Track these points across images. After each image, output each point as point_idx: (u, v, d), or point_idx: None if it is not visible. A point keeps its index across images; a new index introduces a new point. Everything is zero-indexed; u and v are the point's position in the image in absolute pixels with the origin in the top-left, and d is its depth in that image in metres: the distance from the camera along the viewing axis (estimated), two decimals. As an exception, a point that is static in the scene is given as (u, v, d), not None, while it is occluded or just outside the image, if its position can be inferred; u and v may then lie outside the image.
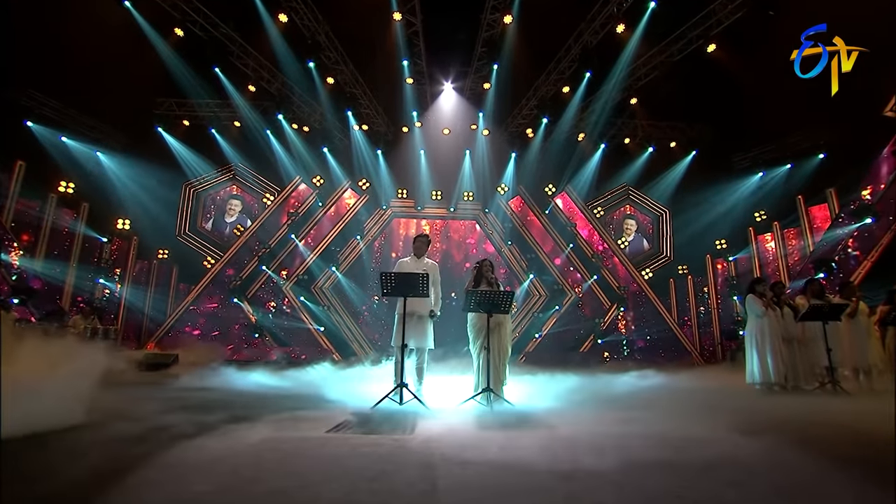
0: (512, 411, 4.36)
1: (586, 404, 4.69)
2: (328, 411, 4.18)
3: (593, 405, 4.60)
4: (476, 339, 4.92)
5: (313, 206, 14.21)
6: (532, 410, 4.40)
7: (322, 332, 13.35)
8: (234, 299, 13.20)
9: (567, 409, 4.50)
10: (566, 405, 4.69)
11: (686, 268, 14.33)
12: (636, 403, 4.59)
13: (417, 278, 4.43)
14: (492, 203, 14.67)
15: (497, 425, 3.65)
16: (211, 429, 3.19)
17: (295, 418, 3.76)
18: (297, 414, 3.95)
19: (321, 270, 13.80)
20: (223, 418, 3.46)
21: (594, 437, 3.18)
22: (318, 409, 4.27)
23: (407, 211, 14.70)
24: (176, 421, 3.32)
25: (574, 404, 4.74)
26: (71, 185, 11.03)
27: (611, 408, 4.38)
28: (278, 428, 3.33)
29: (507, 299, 4.51)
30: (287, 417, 3.76)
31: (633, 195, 15.32)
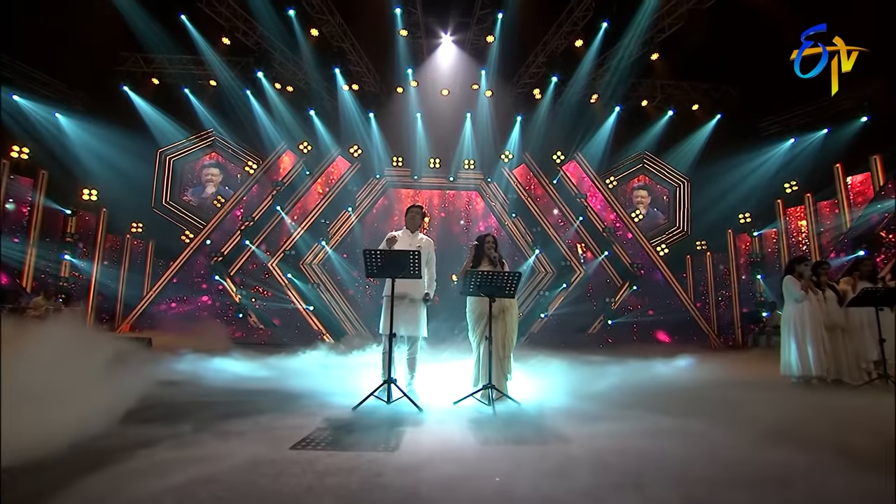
0: (518, 414, 3.89)
1: (607, 403, 4.19)
2: (302, 414, 3.70)
3: (616, 405, 4.10)
4: (476, 326, 4.47)
5: (300, 176, 13.70)
6: (542, 412, 3.94)
7: (311, 311, 12.94)
8: (216, 277, 12.67)
9: (584, 409, 4.01)
10: (583, 404, 4.22)
11: (705, 243, 13.85)
12: (670, 403, 4.09)
13: (408, 256, 3.95)
14: (495, 172, 14.20)
15: (500, 438, 3.15)
16: (149, 444, 2.67)
17: (258, 427, 3.25)
18: (263, 420, 3.44)
19: (309, 245, 13.35)
20: (166, 434, 2.94)
21: (624, 456, 2.66)
22: (291, 412, 3.79)
23: (402, 181, 14.23)
24: (112, 431, 2.87)
25: (593, 402, 4.24)
26: (25, 151, 10.29)
27: (638, 410, 3.87)
28: (231, 444, 2.82)
29: (513, 282, 4.02)
30: (249, 427, 3.26)
31: (648, 164, 14.66)
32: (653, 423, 3.46)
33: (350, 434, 3.15)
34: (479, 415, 3.81)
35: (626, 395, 4.56)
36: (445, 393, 4.56)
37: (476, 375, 4.44)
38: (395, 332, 4.18)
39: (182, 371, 5.76)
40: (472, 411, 3.91)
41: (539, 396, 4.55)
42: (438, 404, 4.17)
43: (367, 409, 3.90)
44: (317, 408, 3.97)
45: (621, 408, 4.00)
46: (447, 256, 10.53)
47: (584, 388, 4.95)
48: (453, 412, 3.89)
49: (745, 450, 2.84)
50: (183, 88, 12.62)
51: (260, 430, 3.19)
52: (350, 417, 3.66)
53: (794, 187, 12.22)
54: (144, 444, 2.69)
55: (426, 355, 5.21)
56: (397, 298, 4.26)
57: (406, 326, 4.37)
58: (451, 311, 8.02)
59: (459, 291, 4.24)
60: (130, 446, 2.64)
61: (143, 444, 2.67)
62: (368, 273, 4.04)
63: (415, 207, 4.62)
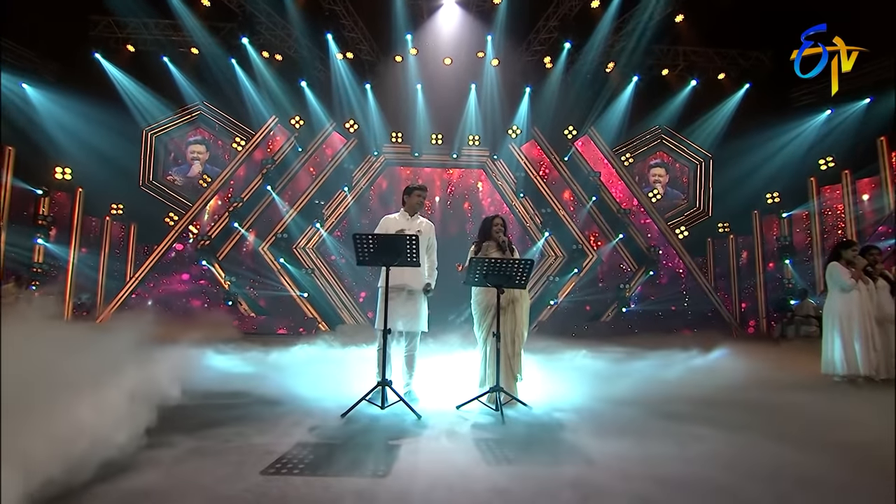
0: (530, 423, 3.53)
1: (634, 408, 3.82)
2: (282, 424, 3.35)
3: (646, 411, 3.73)
4: (482, 320, 4.16)
5: (292, 153, 13.30)
6: (557, 420, 3.57)
7: (306, 298, 12.66)
8: (203, 261, 12.36)
9: (607, 417, 3.64)
10: (604, 409, 3.86)
11: (727, 226, 13.46)
12: (711, 410, 3.70)
13: (404, 242, 3.58)
14: (501, 148, 13.75)
15: (511, 456, 2.77)
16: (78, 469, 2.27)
17: (227, 443, 2.88)
18: (234, 433, 3.08)
19: (302, 228, 13.02)
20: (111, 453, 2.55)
21: (667, 489, 2.26)
22: (270, 421, 3.43)
23: (402, 158, 13.81)
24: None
25: (616, 407, 3.88)
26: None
27: (674, 420, 3.48)
28: (188, 467, 2.45)
29: (525, 270, 3.69)
30: (216, 443, 2.89)
31: (666, 140, 14.13)
32: (697, 437, 3.05)
33: (334, 452, 2.80)
34: (486, 424, 3.47)
35: (655, 397, 4.19)
36: (448, 393, 4.23)
37: (483, 376, 4.15)
38: (390, 328, 3.86)
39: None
40: (477, 419, 3.58)
41: (552, 398, 4.22)
42: (439, 408, 3.86)
43: (358, 416, 3.57)
44: (300, 415, 3.62)
45: (653, 415, 3.61)
46: (449, 242, 10.15)
47: (603, 389, 4.60)
48: (457, 420, 3.56)
49: (840, 477, 2.43)
50: (161, 57, 12.08)
51: (229, 446, 2.83)
52: (337, 427, 3.32)
53: (830, 164, 11.66)
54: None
55: (426, 348, 4.84)
56: (394, 289, 3.96)
57: (404, 321, 4.06)
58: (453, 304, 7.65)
59: (463, 281, 3.89)
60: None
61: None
62: (359, 260, 3.69)
63: (417, 189, 4.25)
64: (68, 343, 2.83)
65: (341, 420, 3.48)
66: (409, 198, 4.24)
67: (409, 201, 4.23)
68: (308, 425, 3.34)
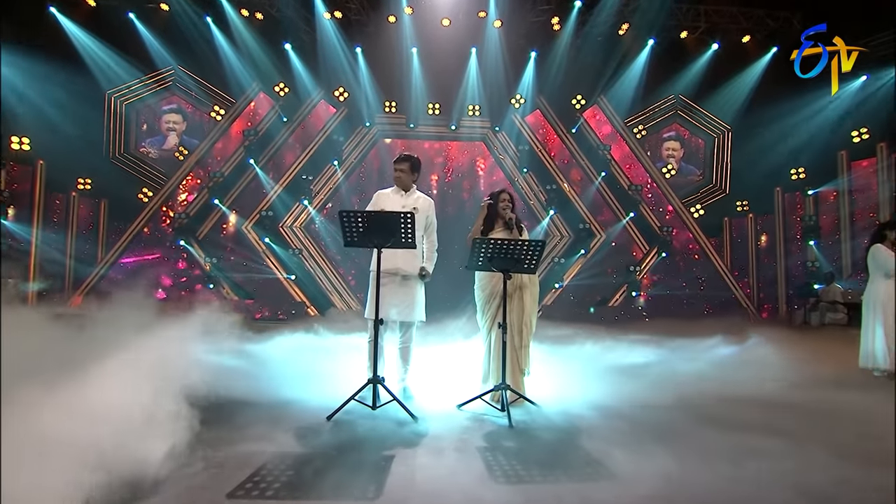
0: (540, 426, 3.25)
1: (660, 409, 3.54)
2: (259, 428, 3.06)
3: (672, 410, 3.44)
4: (486, 308, 3.93)
5: (276, 123, 12.82)
6: (571, 422, 3.30)
7: (293, 281, 12.38)
8: (181, 241, 11.99)
9: (636, 418, 3.35)
10: (630, 409, 3.59)
11: (746, 204, 13.11)
12: (753, 413, 3.42)
13: (398, 220, 3.32)
14: (504, 119, 13.30)
15: (520, 469, 2.49)
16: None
17: (189, 456, 2.55)
18: (198, 442, 2.73)
19: (289, 206, 12.66)
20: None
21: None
22: (246, 426, 3.13)
23: (396, 129, 13.39)
24: None
25: (644, 408, 3.60)
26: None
27: (707, 423, 3.19)
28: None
29: (535, 252, 3.43)
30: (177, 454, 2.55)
31: (682, 111, 13.73)
32: (753, 451, 2.71)
33: (317, 466, 2.50)
34: (490, 427, 3.21)
35: (690, 396, 3.88)
36: (447, 390, 4.02)
37: (486, 370, 3.94)
38: (382, 318, 3.62)
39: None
40: (481, 421, 3.34)
41: (563, 396, 3.96)
42: (438, 408, 3.61)
43: (347, 418, 3.30)
44: (280, 417, 3.34)
45: (692, 420, 3.30)
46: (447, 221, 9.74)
47: (625, 385, 4.36)
48: (458, 422, 3.30)
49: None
50: (127, 13, 11.38)
51: (192, 459, 2.50)
52: (322, 432, 3.05)
53: (865, 136, 11.22)
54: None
55: (423, 337, 4.54)
56: (386, 274, 3.68)
57: (397, 309, 3.81)
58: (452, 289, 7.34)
59: (465, 265, 3.61)
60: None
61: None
62: (347, 241, 3.42)
63: (404, 158, 3.98)
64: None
65: (327, 423, 3.21)
66: (395, 169, 4.00)
67: (396, 173, 3.99)
68: (289, 430, 3.06)
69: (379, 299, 3.57)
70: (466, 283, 4.13)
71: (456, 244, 6.52)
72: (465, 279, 4.25)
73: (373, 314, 3.59)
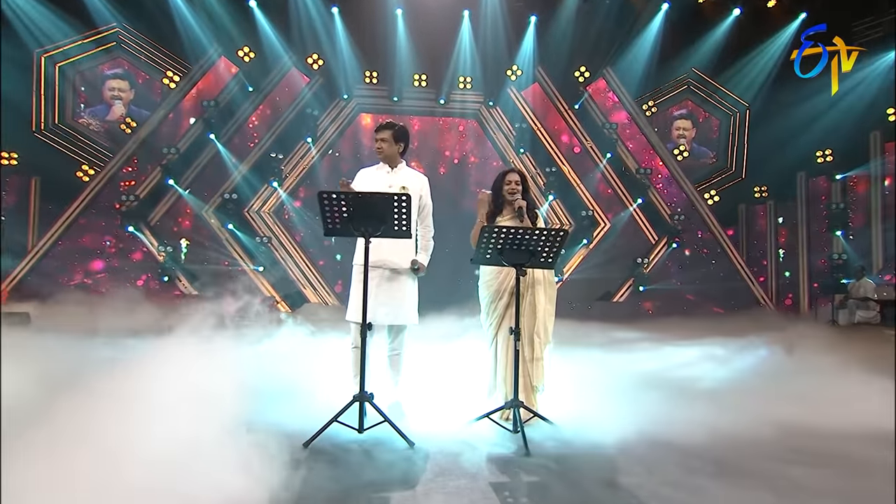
0: (563, 452, 2.82)
1: (722, 437, 2.95)
2: (216, 462, 2.35)
3: (748, 446, 2.85)
4: (491, 309, 3.56)
5: (241, 94, 12.20)
6: (608, 452, 2.81)
7: (261, 273, 11.86)
8: (130, 227, 11.29)
9: (689, 449, 2.78)
10: (676, 434, 3.02)
11: (766, 190, 12.93)
12: (850, 448, 2.84)
13: (390, 203, 2.96)
14: (499, 93, 12.88)
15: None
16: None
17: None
18: (139, 479, 2.05)
19: (256, 188, 12.09)
20: None
21: None
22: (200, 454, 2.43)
23: (378, 103, 12.89)
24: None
25: (694, 435, 2.98)
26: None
27: (813, 468, 2.58)
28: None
29: (555, 243, 3.09)
30: None
31: (695, 85, 13.42)
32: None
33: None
34: (504, 455, 2.76)
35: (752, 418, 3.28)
36: (445, 404, 3.59)
37: (492, 383, 3.57)
38: (369, 322, 3.13)
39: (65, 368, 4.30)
40: (491, 447, 2.88)
41: (582, 412, 3.47)
42: (437, 429, 3.13)
43: (327, 445, 2.83)
44: (245, 444, 2.64)
45: (774, 460, 2.67)
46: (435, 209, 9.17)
47: (657, 401, 3.80)
48: (462, 449, 2.82)
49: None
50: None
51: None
52: (297, 465, 2.49)
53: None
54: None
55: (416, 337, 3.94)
56: (372, 268, 3.26)
57: (386, 310, 3.42)
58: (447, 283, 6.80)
59: (471, 259, 3.30)
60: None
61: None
62: (328, 229, 3.07)
63: (385, 126, 3.59)
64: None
65: (303, 452, 2.72)
66: (377, 140, 3.57)
67: (378, 145, 3.57)
68: (255, 462, 2.36)
69: (366, 299, 3.09)
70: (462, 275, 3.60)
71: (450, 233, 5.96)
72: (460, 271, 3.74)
73: (358, 316, 3.17)
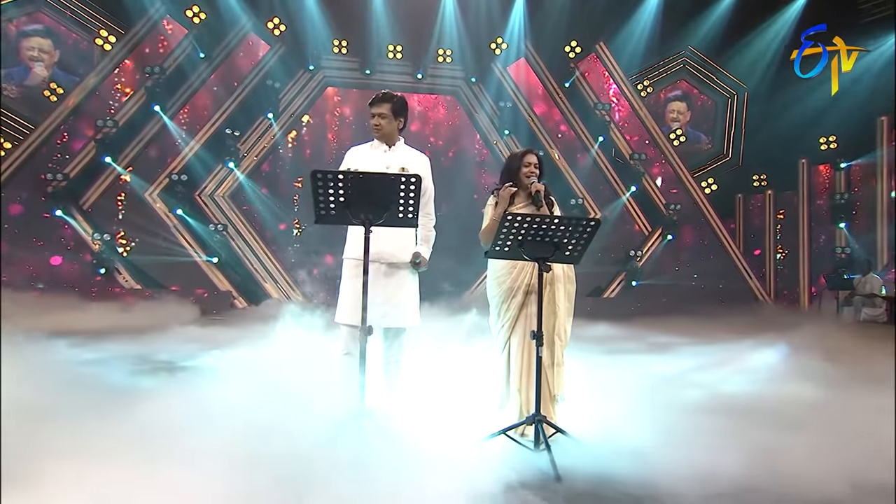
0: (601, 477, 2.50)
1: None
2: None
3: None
4: (502, 310, 3.31)
5: (190, 60, 11.31)
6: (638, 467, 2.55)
7: (216, 265, 11.09)
8: (58, 211, 10.37)
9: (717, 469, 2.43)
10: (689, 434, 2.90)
11: (765, 178, 12.81)
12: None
13: (397, 185, 2.70)
14: (484, 69, 12.34)
15: None
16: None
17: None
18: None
19: (210, 168, 11.27)
20: None
21: None
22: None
23: (348, 76, 12.28)
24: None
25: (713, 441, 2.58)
26: None
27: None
28: None
29: (585, 234, 2.91)
30: None
31: (691, 65, 13.21)
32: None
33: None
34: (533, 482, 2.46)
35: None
36: (450, 416, 3.23)
37: (504, 395, 3.33)
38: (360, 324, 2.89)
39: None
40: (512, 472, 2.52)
41: (599, 420, 3.26)
42: (446, 449, 2.66)
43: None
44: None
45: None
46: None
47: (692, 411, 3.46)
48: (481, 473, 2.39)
49: None
50: None
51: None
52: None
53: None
54: None
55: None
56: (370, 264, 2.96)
57: (383, 311, 3.10)
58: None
59: (485, 252, 3.14)
60: None
61: None
62: (320, 216, 2.78)
63: (383, 98, 3.25)
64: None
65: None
66: (372, 114, 3.26)
67: (373, 120, 3.26)
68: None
69: (366, 299, 2.80)
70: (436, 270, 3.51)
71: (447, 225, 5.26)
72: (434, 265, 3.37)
73: (351, 318, 2.99)
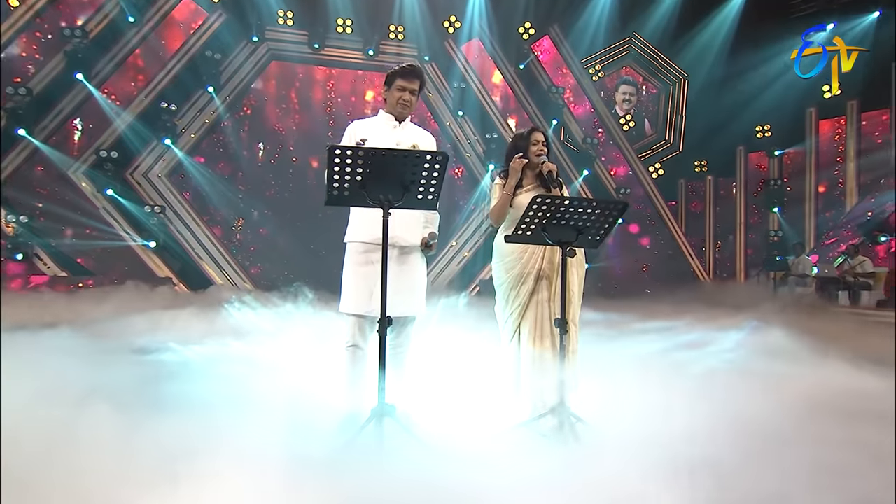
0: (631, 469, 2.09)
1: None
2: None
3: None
4: (513, 297, 3.15)
5: (118, 24, 10.53)
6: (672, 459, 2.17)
7: (153, 250, 10.46)
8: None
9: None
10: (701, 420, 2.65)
11: (706, 164, 13.36)
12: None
13: (423, 163, 2.47)
14: (437, 48, 12.16)
15: None
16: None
17: None
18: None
19: (145, 142, 10.59)
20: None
21: None
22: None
23: (295, 50, 11.76)
24: None
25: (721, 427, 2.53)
26: None
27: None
28: None
29: (610, 218, 2.75)
30: None
31: (637, 48, 13.46)
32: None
33: None
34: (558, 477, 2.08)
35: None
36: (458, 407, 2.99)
37: (515, 385, 3.15)
38: (365, 314, 2.80)
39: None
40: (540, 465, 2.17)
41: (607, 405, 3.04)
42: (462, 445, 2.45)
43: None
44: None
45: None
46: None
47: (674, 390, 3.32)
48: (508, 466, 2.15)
49: None
50: None
51: None
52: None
53: (836, 92, 11.54)
54: None
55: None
56: (373, 248, 2.83)
57: (397, 299, 2.82)
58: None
59: (505, 237, 2.92)
60: None
61: None
62: (333, 196, 2.50)
63: (413, 73, 2.94)
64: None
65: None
66: (388, 92, 2.95)
67: (389, 98, 2.95)
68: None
69: (386, 287, 2.54)
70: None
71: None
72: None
73: (360, 308, 2.77)
